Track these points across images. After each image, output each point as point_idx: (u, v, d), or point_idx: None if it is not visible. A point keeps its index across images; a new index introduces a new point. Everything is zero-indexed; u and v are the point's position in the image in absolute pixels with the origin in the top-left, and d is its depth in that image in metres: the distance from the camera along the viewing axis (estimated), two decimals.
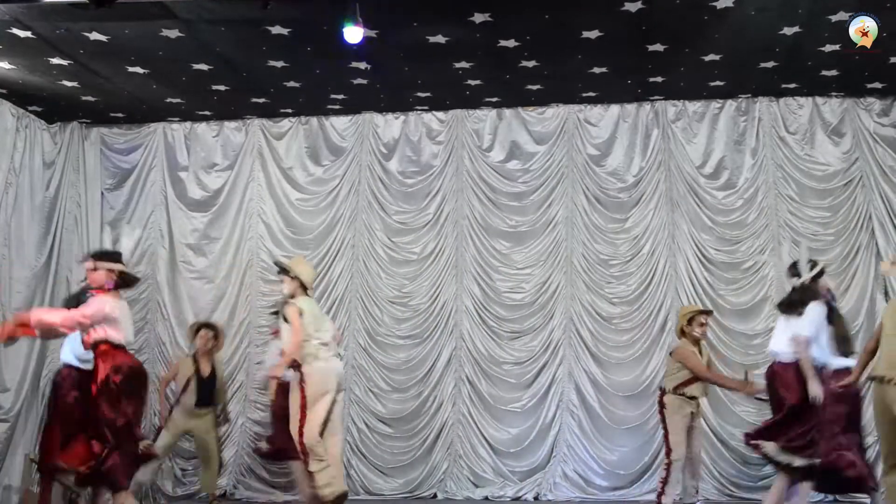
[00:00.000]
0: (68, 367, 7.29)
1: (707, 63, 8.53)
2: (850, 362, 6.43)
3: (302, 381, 6.67)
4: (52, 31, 7.65)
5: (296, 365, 6.70)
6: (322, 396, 6.66)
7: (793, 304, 6.55)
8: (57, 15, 7.30)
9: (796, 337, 6.37)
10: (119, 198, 10.33)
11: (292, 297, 6.91)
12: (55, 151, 10.09)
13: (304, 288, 6.95)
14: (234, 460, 9.54)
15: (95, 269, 6.15)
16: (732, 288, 9.39)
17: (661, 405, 7.43)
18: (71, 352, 7.28)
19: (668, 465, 7.27)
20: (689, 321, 7.48)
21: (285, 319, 6.79)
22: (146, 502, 9.18)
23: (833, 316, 6.65)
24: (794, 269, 6.68)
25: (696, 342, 7.50)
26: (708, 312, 7.82)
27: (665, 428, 7.36)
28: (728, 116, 9.67)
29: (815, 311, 6.42)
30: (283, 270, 7.09)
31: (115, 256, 6.36)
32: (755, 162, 9.57)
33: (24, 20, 7.41)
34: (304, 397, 6.64)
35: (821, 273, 6.62)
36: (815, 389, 6.20)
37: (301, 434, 6.60)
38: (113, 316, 5.93)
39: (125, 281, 6.25)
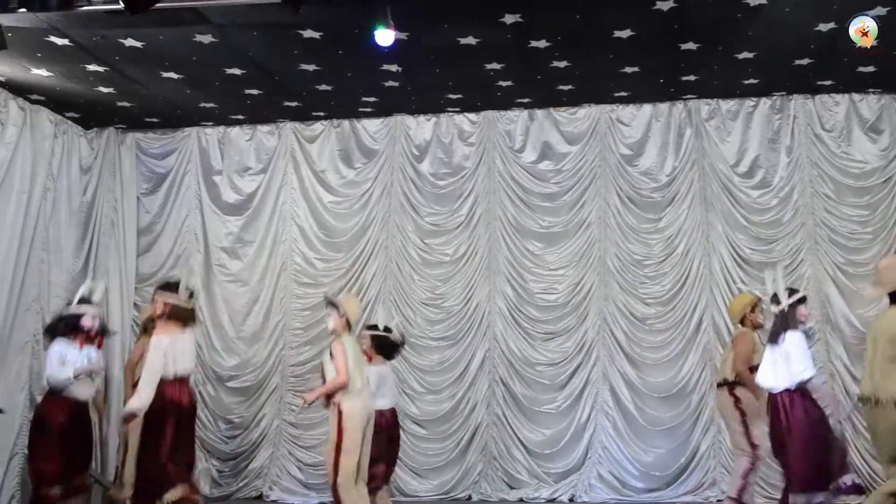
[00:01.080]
0: None
1: (741, 61, 8.48)
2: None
3: (341, 418, 6.56)
4: (88, 38, 7.75)
5: (333, 399, 6.65)
6: (357, 437, 6.57)
7: (774, 333, 6.48)
8: (93, 22, 7.37)
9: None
10: (154, 202, 10.42)
11: (336, 333, 6.79)
12: (92, 157, 10.20)
13: (349, 326, 6.82)
14: (270, 462, 9.59)
15: (153, 300, 6.55)
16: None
17: (736, 399, 7.20)
18: None
19: (755, 461, 7.13)
20: (753, 308, 7.36)
21: (331, 355, 6.71)
22: None
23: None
24: (774, 298, 6.57)
25: (755, 329, 7.37)
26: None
27: (744, 423, 7.15)
28: (762, 114, 9.60)
29: (795, 341, 6.33)
30: (333, 305, 6.90)
31: (170, 287, 6.59)
32: (790, 160, 9.50)
33: (62, 28, 7.50)
34: (340, 435, 6.52)
35: (800, 301, 6.55)
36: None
37: (336, 475, 6.50)
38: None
39: (178, 314, 6.48)
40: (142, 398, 6.23)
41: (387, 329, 7.96)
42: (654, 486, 9.16)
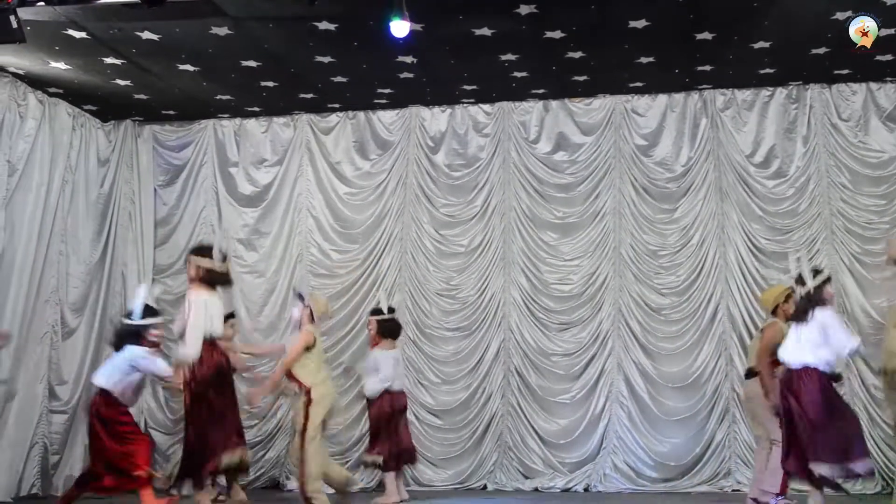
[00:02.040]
0: None
1: (756, 51, 8.45)
2: None
3: (309, 405, 6.83)
4: (105, 31, 7.78)
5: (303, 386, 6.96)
6: (318, 424, 6.89)
7: (801, 312, 6.47)
8: (111, 15, 7.42)
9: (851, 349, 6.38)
10: (171, 194, 10.48)
11: (300, 324, 7.23)
12: (109, 149, 10.25)
13: (311, 319, 7.21)
14: (286, 452, 9.59)
15: (187, 263, 6.91)
16: (785, 278, 9.24)
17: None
18: None
19: None
20: (787, 298, 7.21)
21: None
22: None
23: None
24: (799, 279, 6.56)
25: (787, 321, 7.20)
26: None
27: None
28: (778, 104, 9.56)
29: (828, 315, 6.35)
30: (300, 297, 7.37)
31: (203, 251, 6.87)
32: (807, 150, 9.46)
33: (80, 21, 7.55)
34: (306, 420, 6.80)
35: (826, 281, 6.56)
36: None
37: (303, 475, 6.94)
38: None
39: (212, 277, 6.75)
40: (190, 349, 6.46)
41: (390, 310, 8.45)
42: (669, 476, 9.18)
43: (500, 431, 9.58)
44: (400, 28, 7.02)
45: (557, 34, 7.99)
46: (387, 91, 9.61)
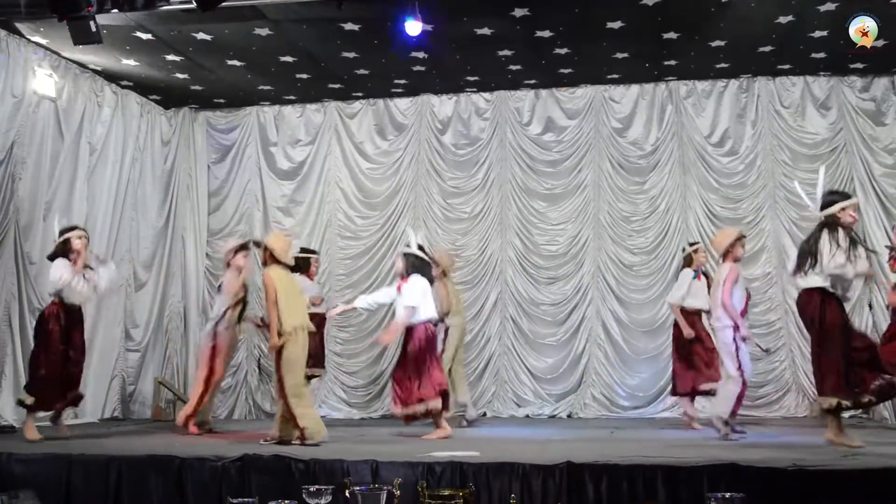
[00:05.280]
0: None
1: (714, 48, 8.47)
2: None
3: (280, 362, 5.97)
4: (167, 33, 7.85)
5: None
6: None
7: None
8: (171, 19, 7.48)
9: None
10: (222, 169, 10.44)
11: (264, 265, 6.22)
12: (171, 132, 10.28)
13: (275, 260, 6.14)
14: (319, 384, 9.31)
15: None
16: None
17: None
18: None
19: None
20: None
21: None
22: None
23: None
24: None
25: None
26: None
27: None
28: (731, 93, 9.57)
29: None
30: (256, 244, 6.58)
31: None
32: (755, 132, 9.48)
33: (146, 25, 7.63)
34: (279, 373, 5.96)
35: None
36: None
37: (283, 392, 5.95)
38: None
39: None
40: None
41: (420, 248, 7.04)
42: (638, 405, 9.27)
43: (497, 368, 9.63)
44: (413, 28, 7.08)
45: (546, 33, 8.01)
46: (402, 82, 9.58)
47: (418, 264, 6.80)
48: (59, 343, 6.50)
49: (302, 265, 7.92)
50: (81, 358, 6.77)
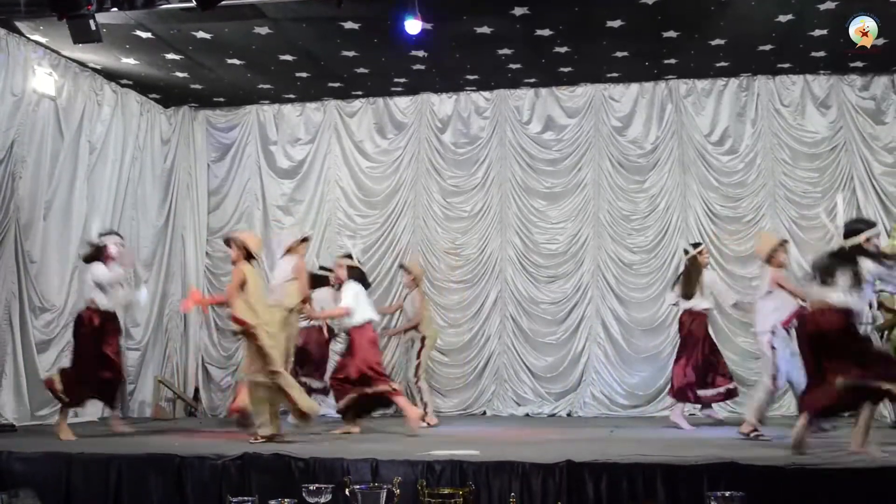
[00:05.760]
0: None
1: (713, 47, 8.47)
2: None
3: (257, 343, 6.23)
4: (167, 31, 7.83)
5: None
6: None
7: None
8: (171, 18, 7.49)
9: None
10: (222, 168, 10.42)
11: (235, 262, 6.41)
12: (170, 131, 10.27)
13: (248, 256, 6.38)
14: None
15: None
16: (735, 238, 9.36)
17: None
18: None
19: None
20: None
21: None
22: None
23: None
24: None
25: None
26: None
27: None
28: (731, 92, 9.56)
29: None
30: (227, 242, 6.65)
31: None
32: (754, 131, 9.47)
33: (146, 24, 7.62)
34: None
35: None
36: None
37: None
38: None
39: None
40: None
41: (348, 257, 7.54)
42: (637, 404, 9.27)
43: (497, 367, 9.64)
44: (413, 27, 7.07)
45: (546, 32, 8.00)
46: (402, 80, 9.58)
47: (355, 273, 7.38)
48: (91, 347, 6.61)
49: (322, 281, 8.11)
50: (117, 362, 6.89)
